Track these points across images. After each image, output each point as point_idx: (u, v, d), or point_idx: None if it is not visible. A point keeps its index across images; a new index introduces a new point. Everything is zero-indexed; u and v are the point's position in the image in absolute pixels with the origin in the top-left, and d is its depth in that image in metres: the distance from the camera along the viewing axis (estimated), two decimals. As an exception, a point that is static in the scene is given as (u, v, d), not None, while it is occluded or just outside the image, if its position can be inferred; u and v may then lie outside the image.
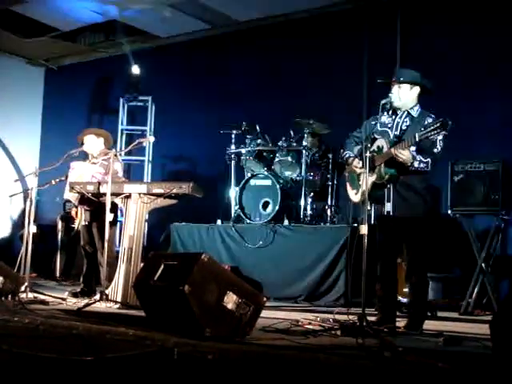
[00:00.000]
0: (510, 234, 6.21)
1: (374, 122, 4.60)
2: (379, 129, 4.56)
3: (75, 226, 6.96)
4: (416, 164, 4.30)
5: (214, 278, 3.57)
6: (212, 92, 8.83)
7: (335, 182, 7.17)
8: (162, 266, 3.76)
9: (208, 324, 3.52)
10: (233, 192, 7.45)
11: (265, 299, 3.74)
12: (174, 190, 5.26)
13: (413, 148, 4.29)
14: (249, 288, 3.71)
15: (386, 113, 4.62)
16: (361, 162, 4.43)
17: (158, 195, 5.39)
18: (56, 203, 9.02)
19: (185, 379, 3.06)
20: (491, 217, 6.03)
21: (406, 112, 4.54)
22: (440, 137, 4.25)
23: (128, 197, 5.42)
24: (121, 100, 9.65)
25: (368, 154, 4.17)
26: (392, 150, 4.26)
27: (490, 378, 2.79)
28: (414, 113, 4.52)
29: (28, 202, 6.04)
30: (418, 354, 3.38)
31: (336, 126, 7.16)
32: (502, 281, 6.15)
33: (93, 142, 6.31)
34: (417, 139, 4.10)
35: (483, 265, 5.97)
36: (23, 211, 7.45)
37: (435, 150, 4.30)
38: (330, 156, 7.21)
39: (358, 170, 4.52)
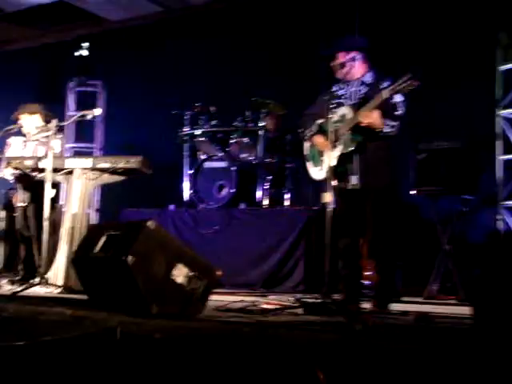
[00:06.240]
0: (474, 216, 5.99)
1: (327, 97, 4.29)
2: (335, 101, 4.25)
3: (17, 214, 6.51)
4: (386, 129, 3.99)
5: (161, 248, 3.18)
6: (165, 74, 8.47)
7: (293, 165, 6.86)
8: (104, 237, 3.36)
9: (155, 300, 3.13)
10: (186, 175, 7.07)
11: (219, 273, 3.38)
12: (121, 165, 4.87)
13: None
14: (201, 260, 3.34)
15: (336, 85, 4.35)
16: (323, 137, 4.12)
17: (104, 170, 4.98)
18: (1, 194, 8.51)
19: (130, 361, 2.70)
20: (455, 197, 5.81)
21: (359, 81, 4.25)
22: (401, 98, 3.97)
23: (70, 172, 4.99)
24: (69, 84, 9.18)
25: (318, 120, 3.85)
26: (358, 114, 3.95)
27: (473, 352, 2.49)
28: (368, 79, 4.24)
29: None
30: (389, 329, 3.09)
31: (294, 107, 6.85)
32: (465, 264, 5.92)
33: (28, 121, 5.90)
34: (385, 96, 3.79)
35: (447, 248, 5.74)
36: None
37: (398, 113, 4.01)
38: (289, 137, 6.91)
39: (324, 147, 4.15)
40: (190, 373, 2.60)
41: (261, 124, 6.77)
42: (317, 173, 4.30)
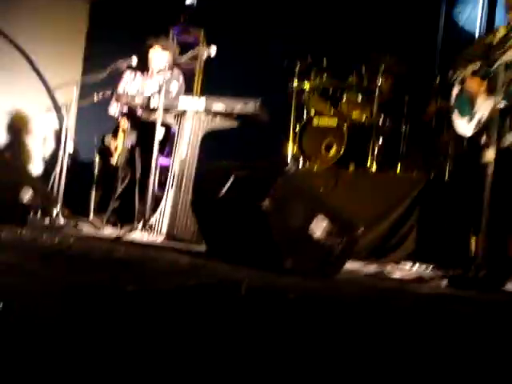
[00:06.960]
0: None
1: (489, 39, 3.74)
2: (501, 45, 3.68)
3: (113, 161, 6.28)
4: None
5: (300, 196, 2.77)
6: (274, 23, 7.99)
7: (408, 129, 6.32)
8: (232, 178, 2.96)
9: (289, 253, 2.72)
10: (292, 132, 6.65)
11: (361, 230, 2.94)
12: (238, 108, 4.46)
13: None
14: (343, 215, 2.91)
15: (503, 26, 3.76)
16: (478, 82, 3.56)
17: (218, 113, 4.59)
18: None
19: (255, 322, 2.29)
20: None
21: None
22: None
23: (182, 114, 4.62)
24: (171, 31, 8.85)
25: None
26: None
27: None
28: None
29: (66, 119, 5.29)
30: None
31: (414, 66, 6.32)
32: None
33: (157, 56, 5.48)
34: None
35: None
36: (56, 150, 6.75)
37: None
38: (406, 99, 6.37)
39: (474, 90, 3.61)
40: (327, 341, 2.19)
41: (377, 82, 6.25)
42: (464, 126, 3.74)
